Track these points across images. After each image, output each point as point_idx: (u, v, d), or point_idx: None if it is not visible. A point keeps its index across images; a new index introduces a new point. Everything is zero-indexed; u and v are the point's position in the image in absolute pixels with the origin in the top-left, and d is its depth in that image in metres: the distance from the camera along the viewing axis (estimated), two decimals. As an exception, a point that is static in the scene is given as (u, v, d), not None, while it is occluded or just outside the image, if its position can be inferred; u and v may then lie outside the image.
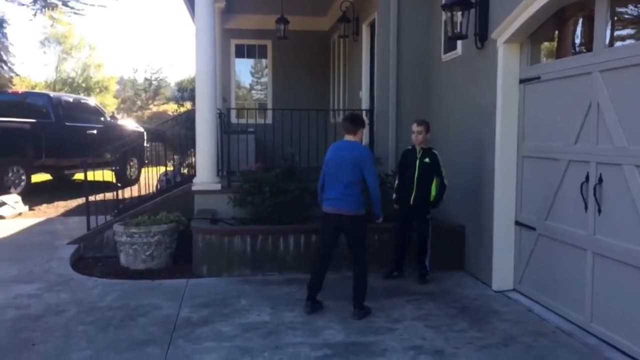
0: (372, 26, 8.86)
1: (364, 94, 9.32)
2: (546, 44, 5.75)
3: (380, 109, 7.85)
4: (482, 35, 6.02)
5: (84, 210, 8.01)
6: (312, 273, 5.29)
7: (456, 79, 6.86)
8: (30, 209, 10.52)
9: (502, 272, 5.84)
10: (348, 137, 5.23)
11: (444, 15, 6.23)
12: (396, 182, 6.35)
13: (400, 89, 7.69)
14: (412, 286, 6.01)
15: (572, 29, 5.44)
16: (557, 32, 5.57)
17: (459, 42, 6.61)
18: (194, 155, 8.27)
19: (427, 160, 6.05)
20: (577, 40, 5.36)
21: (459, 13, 5.94)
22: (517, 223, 5.74)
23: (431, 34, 7.59)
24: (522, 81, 5.61)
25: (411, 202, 6.09)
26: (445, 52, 7.14)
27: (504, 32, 5.58)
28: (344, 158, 5.10)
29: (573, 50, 5.31)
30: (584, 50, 4.93)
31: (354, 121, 5.26)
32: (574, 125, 4.78)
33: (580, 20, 5.23)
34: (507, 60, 5.67)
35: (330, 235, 5.20)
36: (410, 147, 6.25)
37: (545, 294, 5.28)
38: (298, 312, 5.17)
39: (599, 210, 4.47)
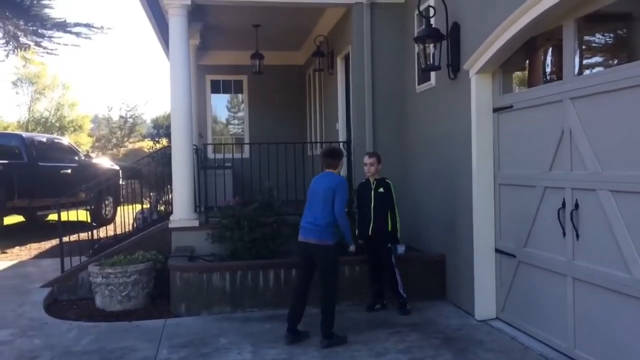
0: (346, 59, 8.97)
1: (341, 126, 9.37)
2: (518, 73, 5.86)
3: (357, 140, 7.88)
4: (455, 66, 6.12)
5: (57, 252, 7.83)
6: (291, 303, 5.32)
7: (431, 110, 6.93)
8: (2, 252, 10.25)
9: (484, 300, 5.82)
10: (328, 171, 5.38)
11: (417, 48, 6.33)
12: (357, 216, 6.40)
13: (376, 121, 7.75)
14: (395, 318, 5.94)
15: (542, 58, 5.57)
16: (528, 61, 5.69)
17: (433, 74, 6.71)
18: (171, 192, 8.18)
19: (381, 190, 6.13)
20: (548, 69, 5.48)
21: (431, 45, 6.05)
22: (497, 251, 5.75)
23: (405, 66, 7.69)
24: (495, 110, 5.69)
25: (370, 233, 6.14)
26: (419, 83, 7.23)
27: (475, 62, 5.68)
28: (319, 188, 5.27)
29: (544, 79, 5.43)
30: (555, 79, 5.03)
31: (334, 156, 5.42)
32: (548, 152, 4.84)
33: (550, 50, 5.36)
34: (480, 90, 5.75)
35: (303, 264, 5.31)
36: (364, 180, 6.36)
37: (528, 322, 5.26)
38: (280, 349, 5.07)
39: (577, 236, 4.50)
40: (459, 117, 6.08)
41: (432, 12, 6.24)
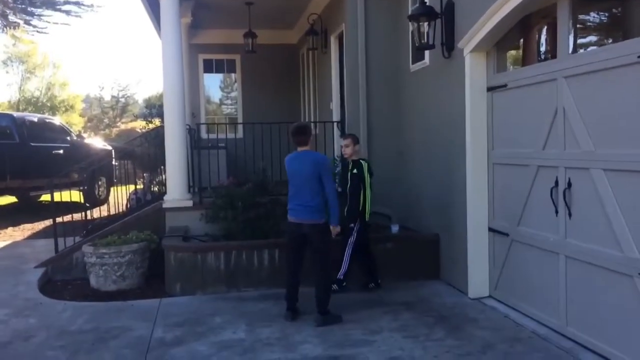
0: (340, 38, 8.90)
1: (335, 105, 9.33)
2: (512, 51, 5.84)
3: (351, 120, 7.86)
4: (449, 45, 6.08)
5: (51, 233, 7.81)
6: (287, 283, 5.40)
7: (425, 89, 6.91)
8: (-4, 232, 10.23)
9: (478, 279, 5.87)
10: (302, 148, 5.37)
11: (411, 26, 6.28)
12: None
13: (370, 100, 7.72)
14: (389, 297, 5.99)
15: (536, 36, 5.54)
16: (522, 40, 5.66)
17: (427, 52, 6.67)
18: (164, 173, 8.15)
19: (355, 171, 6.11)
20: (542, 48, 5.45)
21: (425, 24, 6.00)
22: (491, 230, 5.78)
23: (399, 45, 7.64)
24: (489, 89, 5.68)
25: (345, 214, 6.15)
26: (414, 62, 7.20)
27: (470, 41, 5.65)
28: (303, 168, 5.27)
29: (538, 58, 5.40)
30: (549, 57, 5.02)
31: (305, 132, 5.40)
32: (542, 131, 4.85)
33: (545, 28, 5.33)
34: (474, 69, 5.73)
35: (294, 244, 5.38)
36: (345, 162, 6.37)
37: (521, 300, 5.31)
38: (275, 328, 5.11)
39: (569, 214, 4.53)
40: (453, 96, 6.07)
41: (426, -11, 6.18)
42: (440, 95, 6.46)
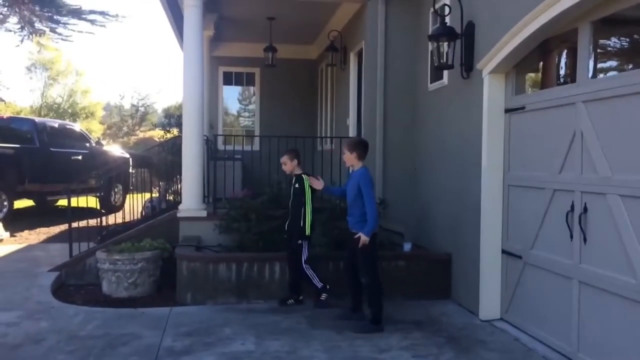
0: (359, 55, 8.96)
1: (352, 121, 9.37)
2: (531, 74, 5.83)
3: (368, 136, 7.87)
4: (468, 65, 6.10)
5: (66, 237, 7.89)
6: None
7: (442, 108, 6.92)
8: (12, 235, 10.34)
9: (489, 301, 5.82)
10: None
11: (431, 46, 6.32)
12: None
13: (387, 117, 7.75)
14: (399, 315, 5.95)
15: (556, 60, 5.54)
16: (541, 62, 5.67)
17: (445, 72, 6.69)
18: (180, 182, 8.21)
19: (297, 185, 6.18)
20: (561, 71, 5.45)
21: (445, 44, 6.03)
22: (504, 252, 5.74)
23: (418, 63, 7.68)
24: (507, 111, 5.68)
25: (286, 228, 6.22)
26: (432, 81, 7.22)
27: (489, 62, 5.66)
28: (349, 183, 5.68)
29: (557, 81, 5.40)
30: (568, 81, 5.01)
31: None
32: (559, 154, 4.83)
33: (564, 52, 5.33)
34: (492, 90, 5.74)
35: (349, 251, 5.72)
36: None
37: (532, 323, 5.26)
38: (284, 342, 5.10)
39: (585, 239, 4.49)
40: (470, 117, 6.07)
41: (447, 10, 6.22)
42: (458, 115, 6.46)
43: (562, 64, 5.49)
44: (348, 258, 5.78)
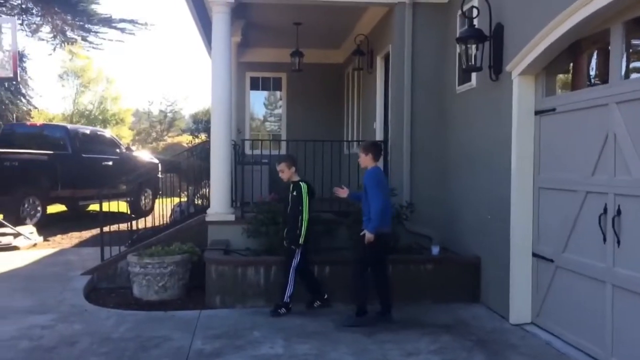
0: (386, 58, 8.94)
1: (378, 125, 9.35)
2: (561, 75, 5.76)
3: (395, 140, 7.86)
4: (497, 67, 6.04)
5: (97, 241, 8.04)
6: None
7: (471, 111, 6.87)
8: (45, 239, 10.57)
9: (519, 304, 5.74)
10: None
11: (459, 48, 6.28)
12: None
13: (414, 120, 7.71)
14: (428, 318, 5.91)
15: (587, 61, 5.45)
16: (572, 64, 5.59)
17: (473, 74, 6.64)
18: (208, 186, 8.29)
19: (294, 193, 6.11)
20: (593, 72, 5.36)
21: (474, 46, 5.99)
22: (535, 255, 5.66)
23: (445, 66, 7.63)
24: (537, 113, 5.61)
25: (284, 235, 6.17)
26: (460, 83, 7.17)
27: (518, 64, 5.60)
28: (364, 183, 5.74)
29: (588, 82, 5.32)
30: (600, 82, 4.93)
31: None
32: (591, 156, 4.75)
33: (595, 53, 5.25)
34: (522, 92, 5.67)
35: (359, 251, 5.79)
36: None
37: (564, 328, 5.17)
38: (311, 345, 5.11)
39: (618, 242, 4.40)
40: (500, 119, 6.01)
41: (475, 12, 6.19)
42: (486, 118, 6.40)
43: (593, 65, 5.41)
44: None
